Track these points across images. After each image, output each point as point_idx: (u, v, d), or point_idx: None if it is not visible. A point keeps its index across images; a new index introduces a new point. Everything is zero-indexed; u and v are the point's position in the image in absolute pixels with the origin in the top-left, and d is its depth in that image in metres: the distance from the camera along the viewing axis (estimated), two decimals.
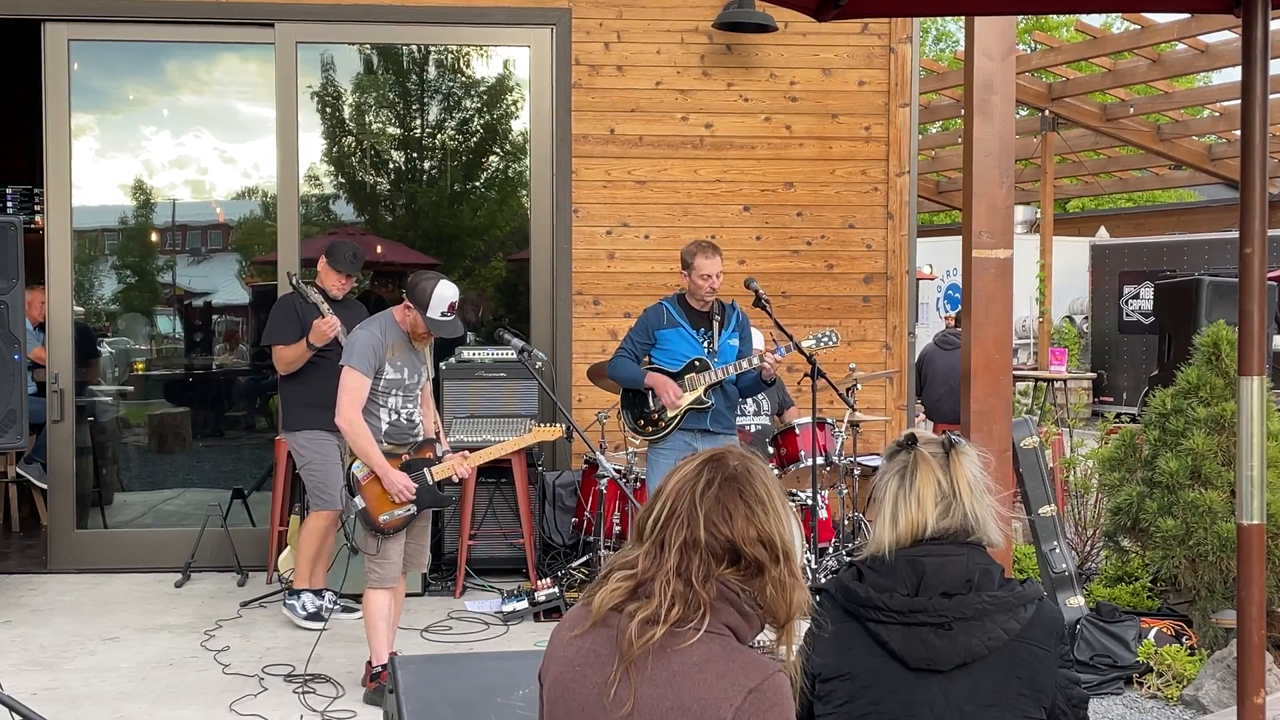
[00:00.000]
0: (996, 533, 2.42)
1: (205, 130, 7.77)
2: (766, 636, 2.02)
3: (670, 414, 5.82)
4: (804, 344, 5.98)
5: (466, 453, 5.25)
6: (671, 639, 1.88)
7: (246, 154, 7.81)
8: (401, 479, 4.96)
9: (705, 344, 5.87)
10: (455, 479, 5.21)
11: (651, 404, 5.88)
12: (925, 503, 2.39)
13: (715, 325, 5.91)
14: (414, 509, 5.02)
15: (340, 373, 5.05)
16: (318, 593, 6.17)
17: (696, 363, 5.82)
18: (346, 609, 6.20)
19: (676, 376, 5.85)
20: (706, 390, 5.79)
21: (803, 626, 2.56)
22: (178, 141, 7.79)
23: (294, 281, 6.12)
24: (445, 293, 5.01)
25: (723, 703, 1.84)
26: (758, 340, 6.61)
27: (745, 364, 5.78)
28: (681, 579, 1.91)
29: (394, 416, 5.11)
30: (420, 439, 5.20)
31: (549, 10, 7.41)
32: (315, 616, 6.06)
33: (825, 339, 6.03)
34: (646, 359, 5.94)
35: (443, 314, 5.02)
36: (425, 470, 5.07)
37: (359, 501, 4.96)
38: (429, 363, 5.33)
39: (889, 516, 2.42)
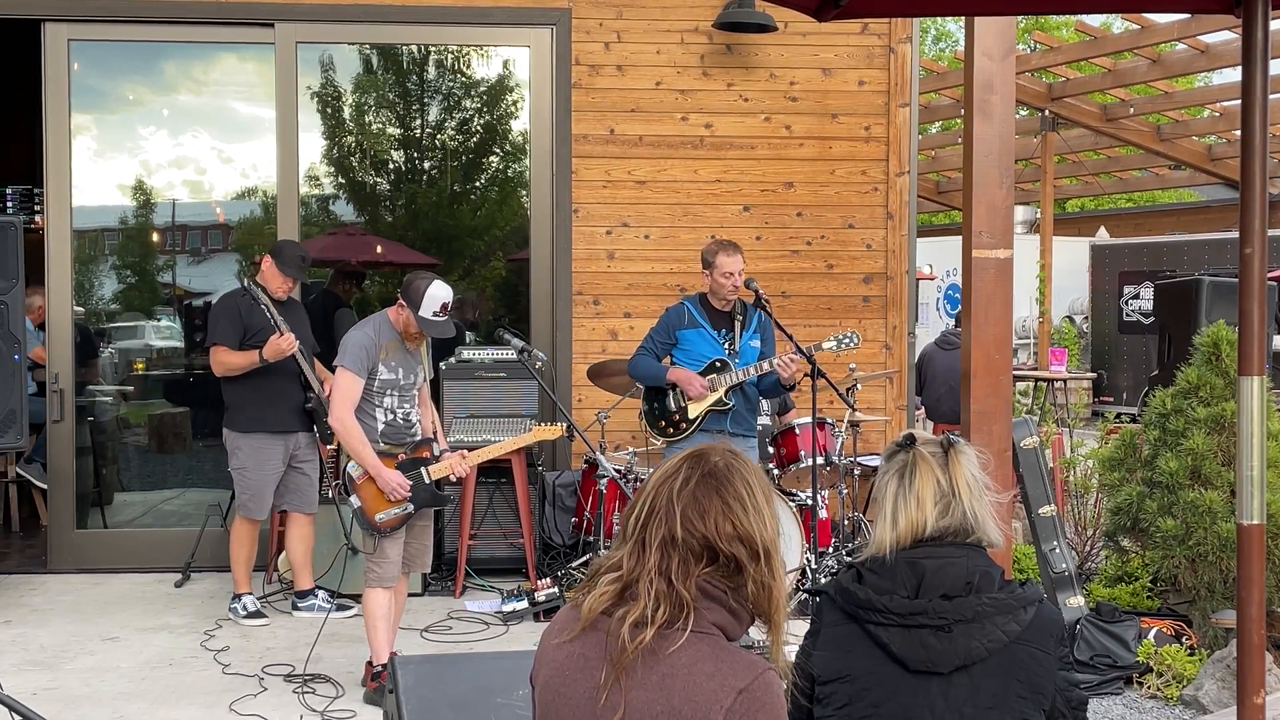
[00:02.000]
0: (996, 532, 2.42)
1: (205, 130, 7.77)
2: (759, 635, 2.02)
3: (692, 414, 5.82)
4: (825, 345, 5.96)
5: (465, 452, 5.25)
6: (661, 641, 1.88)
7: (246, 154, 7.81)
8: (395, 477, 4.95)
9: (726, 345, 5.87)
10: (454, 478, 5.21)
11: (673, 404, 5.87)
12: (924, 502, 2.39)
13: (737, 326, 5.90)
14: (410, 508, 5.02)
15: (336, 371, 5.04)
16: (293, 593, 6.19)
17: (717, 363, 5.82)
18: (341, 606, 6.18)
19: None
20: (727, 392, 5.79)
21: (802, 628, 2.56)
22: (177, 142, 7.79)
23: (246, 283, 6.09)
24: (438, 293, 4.99)
25: (713, 704, 1.84)
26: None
27: (766, 365, 5.77)
28: (664, 578, 1.90)
29: (390, 416, 5.10)
30: (417, 438, 5.20)
31: (549, 10, 7.41)
32: (257, 614, 6.15)
33: (846, 340, 6.00)
34: (668, 359, 5.94)
35: (435, 314, 5.00)
36: (422, 469, 5.07)
37: (355, 501, 4.96)
38: (426, 363, 5.32)
39: (889, 516, 2.42)
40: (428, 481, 5.06)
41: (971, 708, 2.30)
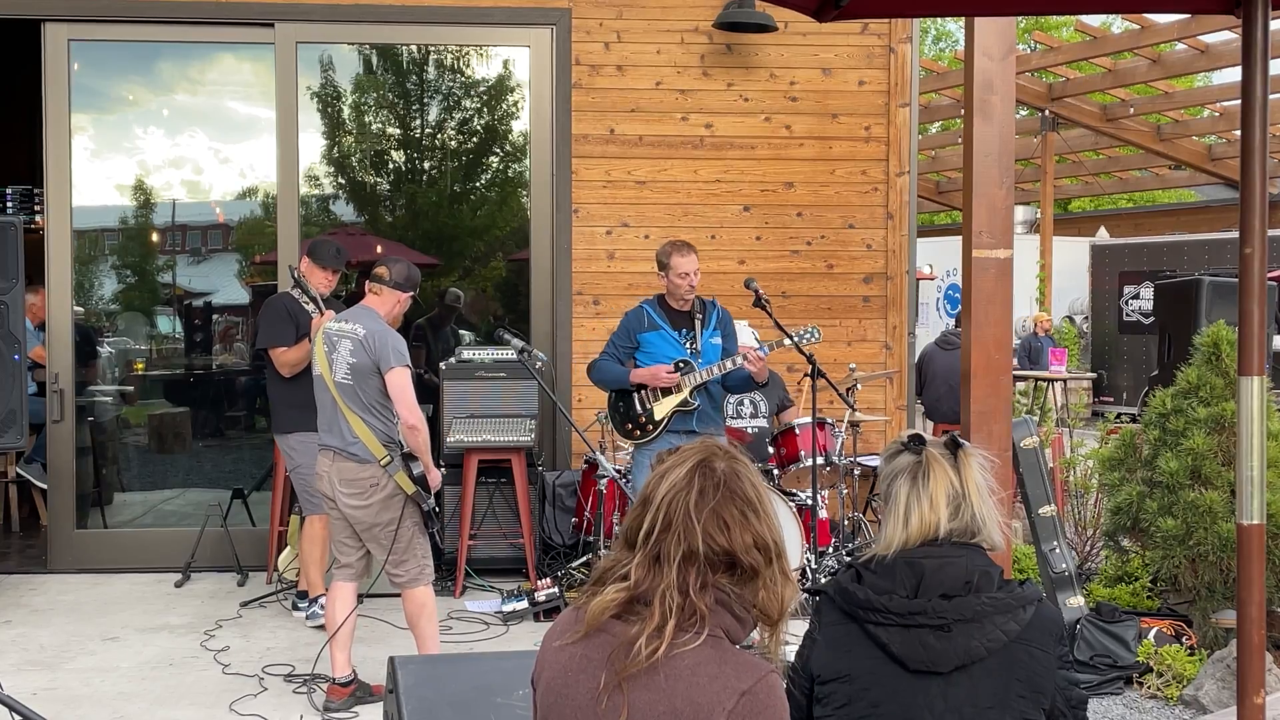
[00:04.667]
0: (998, 534, 2.42)
1: (204, 130, 7.77)
2: (757, 635, 2.01)
3: (658, 415, 5.82)
4: (784, 343, 5.96)
5: None
6: (669, 648, 1.88)
7: (246, 154, 7.81)
8: (438, 473, 4.95)
9: (688, 344, 5.86)
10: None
11: (638, 406, 5.86)
12: (938, 503, 2.39)
13: (696, 325, 5.90)
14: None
15: (392, 374, 4.80)
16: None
17: (681, 364, 5.82)
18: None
19: None
20: (692, 392, 5.79)
21: (801, 628, 2.56)
22: (176, 142, 7.79)
23: (296, 275, 6.06)
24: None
25: (715, 706, 1.84)
26: (747, 335, 6.61)
27: (730, 364, 5.77)
28: (681, 592, 1.89)
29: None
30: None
31: (549, 10, 7.41)
32: None
33: (808, 335, 5.98)
34: (631, 362, 5.93)
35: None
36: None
37: (431, 500, 4.90)
38: None
39: (901, 517, 2.41)
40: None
41: (971, 707, 2.30)
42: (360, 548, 4.98)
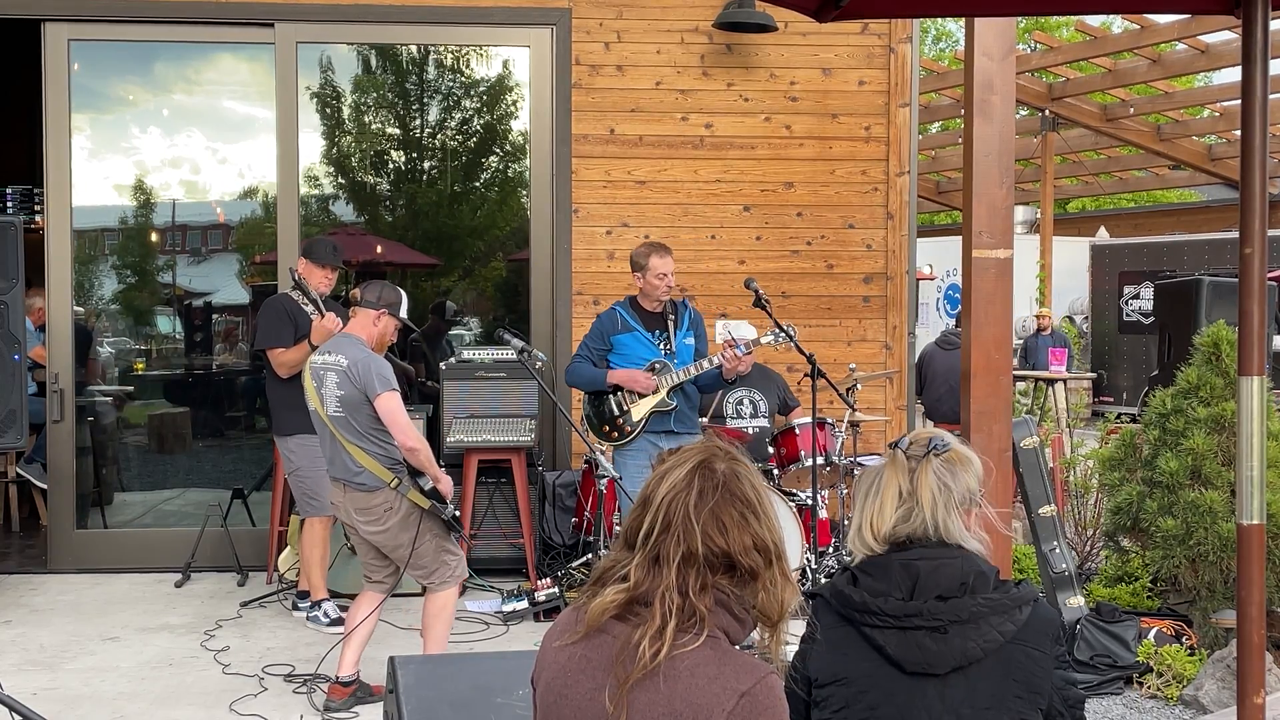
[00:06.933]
0: (972, 543, 2.41)
1: (203, 130, 7.77)
2: (756, 635, 2.02)
3: (635, 417, 5.82)
4: (763, 340, 5.94)
5: None
6: (669, 650, 1.88)
7: (246, 154, 7.81)
8: (450, 481, 4.96)
9: (662, 345, 5.87)
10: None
11: (615, 408, 5.86)
12: (885, 507, 2.41)
13: (670, 326, 5.91)
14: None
15: (380, 400, 4.77)
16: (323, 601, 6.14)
17: (656, 365, 5.83)
18: (337, 620, 6.08)
19: None
20: (669, 392, 5.80)
21: (799, 628, 2.56)
22: (176, 142, 7.79)
23: (296, 278, 6.05)
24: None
25: (714, 707, 1.84)
26: (749, 333, 6.62)
27: (706, 363, 5.78)
28: (680, 594, 1.89)
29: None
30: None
31: (549, 10, 7.41)
32: (338, 622, 6.00)
33: (781, 335, 5.92)
34: (604, 364, 5.93)
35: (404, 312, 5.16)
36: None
37: (451, 508, 4.92)
38: None
39: (855, 517, 2.46)
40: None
41: (969, 709, 2.30)
42: (389, 563, 5.00)
